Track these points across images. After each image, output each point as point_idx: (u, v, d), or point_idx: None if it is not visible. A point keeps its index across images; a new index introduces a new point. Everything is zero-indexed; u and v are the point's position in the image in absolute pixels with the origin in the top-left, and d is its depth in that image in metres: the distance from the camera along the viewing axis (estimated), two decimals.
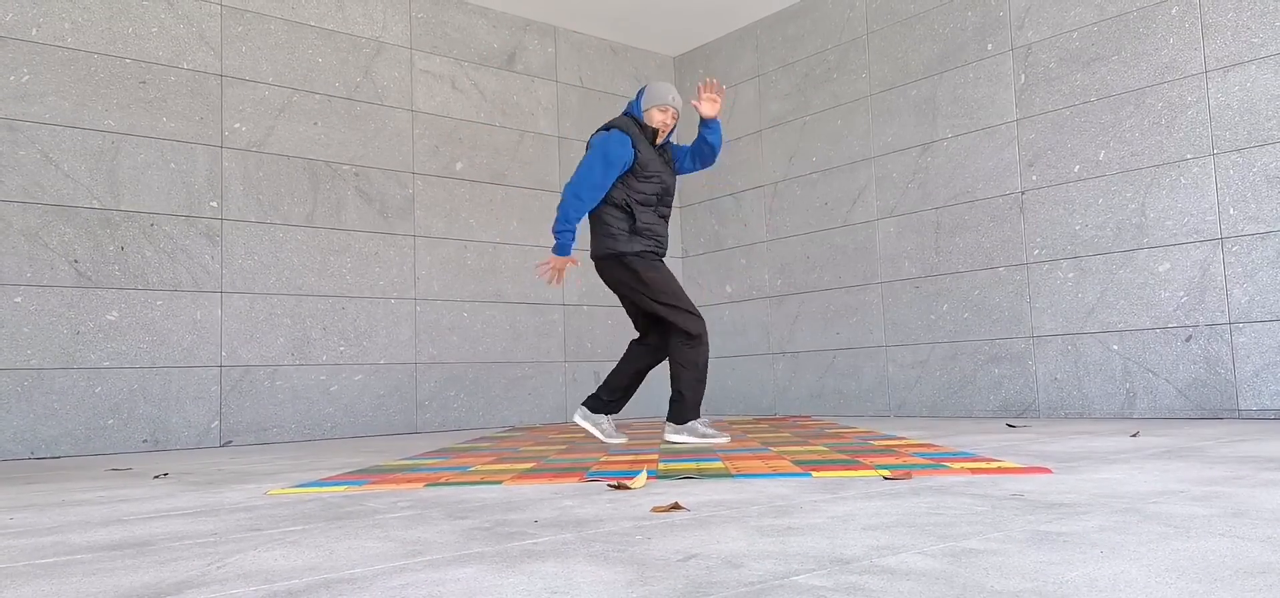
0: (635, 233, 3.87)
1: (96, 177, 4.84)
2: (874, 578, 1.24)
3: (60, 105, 4.77)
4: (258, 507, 2.26)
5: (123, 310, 4.86)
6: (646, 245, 3.88)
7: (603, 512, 1.95)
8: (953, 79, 5.60)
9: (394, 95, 5.97)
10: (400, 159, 5.95)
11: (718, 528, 1.69)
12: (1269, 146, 4.33)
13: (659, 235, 3.94)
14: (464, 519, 1.91)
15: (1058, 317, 5.05)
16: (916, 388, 5.74)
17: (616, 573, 1.33)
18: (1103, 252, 4.88)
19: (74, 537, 1.87)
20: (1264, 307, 4.32)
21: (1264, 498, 1.83)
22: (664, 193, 3.97)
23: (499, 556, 1.50)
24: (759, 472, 2.57)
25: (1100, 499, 1.88)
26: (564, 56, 6.89)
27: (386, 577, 1.36)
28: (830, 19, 6.36)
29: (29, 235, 4.63)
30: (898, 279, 5.86)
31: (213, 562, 1.53)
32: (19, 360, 4.55)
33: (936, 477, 2.38)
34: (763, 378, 6.72)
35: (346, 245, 5.67)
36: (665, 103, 3.97)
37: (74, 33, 4.85)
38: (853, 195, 6.15)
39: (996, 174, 5.36)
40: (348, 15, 5.82)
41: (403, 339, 5.85)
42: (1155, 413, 4.65)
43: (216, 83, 5.27)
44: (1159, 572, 1.22)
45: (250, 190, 5.33)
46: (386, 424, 5.75)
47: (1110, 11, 4.90)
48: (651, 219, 3.92)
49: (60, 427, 4.64)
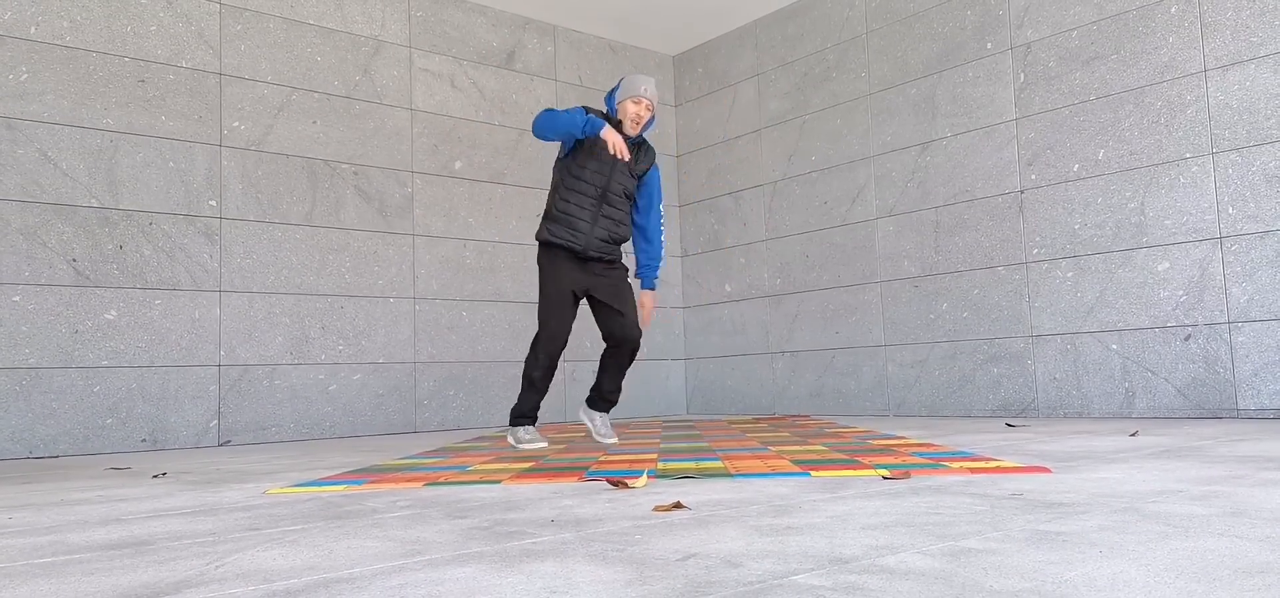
0: (551, 217, 3.77)
1: (95, 175, 4.84)
2: (873, 578, 1.24)
3: (59, 104, 4.77)
4: (256, 506, 2.26)
5: (121, 309, 4.86)
6: (558, 235, 3.74)
7: (602, 511, 1.95)
8: (952, 78, 5.60)
9: (393, 94, 5.97)
10: (399, 158, 5.95)
11: (717, 528, 1.69)
12: (1268, 146, 4.33)
13: (575, 226, 3.74)
14: (463, 519, 1.91)
15: (1057, 316, 5.05)
16: (915, 387, 5.74)
17: (616, 573, 1.33)
18: (1102, 251, 4.88)
19: (72, 536, 1.87)
20: (1263, 306, 4.32)
21: (1263, 498, 1.83)
22: (605, 191, 3.77)
23: (498, 555, 1.50)
24: (758, 471, 2.57)
25: (1099, 499, 1.88)
26: (563, 55, 6.88)
27: (385, 576, 1.36)
28: (830, 18, 6.36)
29: (27, 234, 4.63)
30: (897, 278, 5.86)
31: (211, 561, 1.53)
32: (17, 360, 4.55)
33: (935, 476, 2.38)
34: (762, 377, 6.72)
35: (345, 244, 5.67)
36: (637, 93, 3.80)
37: (72, 31, 4.84)
38: (852, 194, 6.15)
39: (996, 173, 5.36)
40: (347, 14, 5.81)
41: (402, 338, 5.85)
42: (1154, 412, 4.66)
43: (215, 81, 5.26)
44: (1158, 571, 1.22)
45: (249, 189, 5.32)
46: (385, 423, 5.75)
47: (1110, 10, 4.90)
48: (577, 209, 3.74)
49: (58, 426, 4.64)
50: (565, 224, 3.75)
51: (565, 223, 3.75)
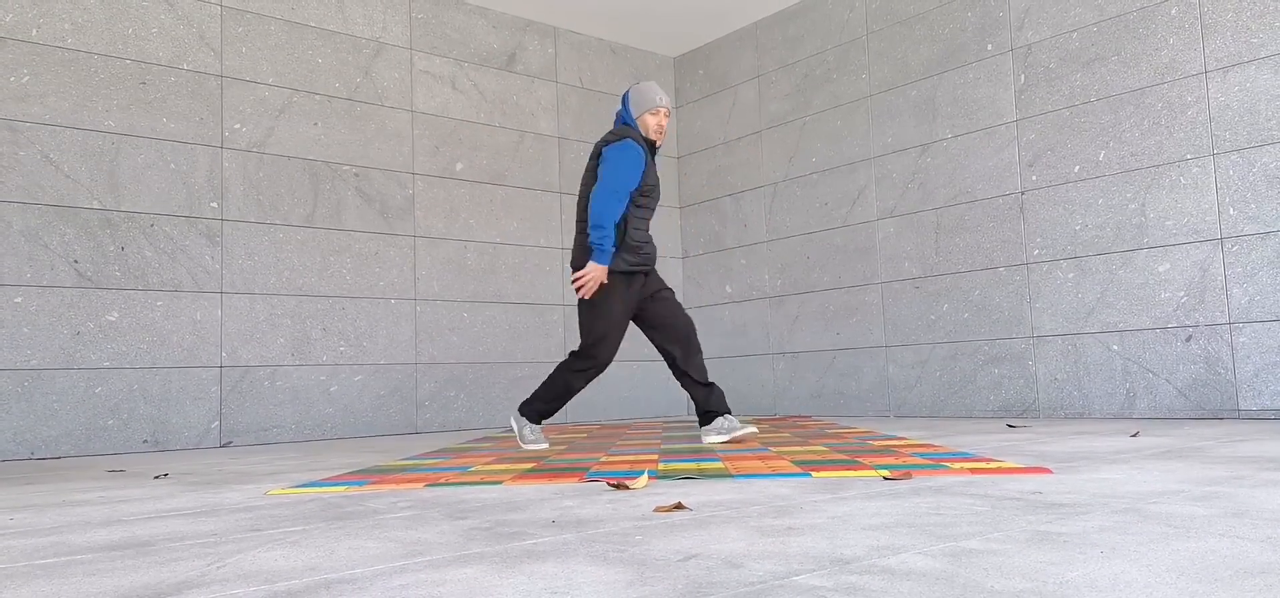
0: (627, 247, 3.69)
1: (97, 177, 4.84)
2: (874, 578, 1.24)
3: (60, 106, 4.77)
4: (258, 507, 2.26)
5: (123, 311, 4.86)
6: (633, 262, 3.71)
7: (603, 512, 1.95)
8: (952, 79, 5.60)
9: (394, 96, 5.97)
10: (400, 159, 5.95)
11: (718, 528, 1.69)
12: (1269, 147, 4.33)
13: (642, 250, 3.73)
14: (464, 520, 1.91)
15: (1058, 317, 5.05)
16: (916, 388, 5.74)
17: (616, 573, 1.33)
18: (1103, 252, 4.88)
19: (74, 537, 1.87)
20: (1264, 307, 4.32)
21: (1264, 498, 1.83)
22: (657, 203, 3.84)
23: (499, 556, 1.50)
24: (759, 472, 2.57)
25: (1100, 499, 1.88)
26: (564, 57, 6.89)
27: (386, 577, 1.36)
28: (830, 19, 6.36)
29: (29, 236, 4.63)
30: (898, 279, 5.86)
31: (213, 562, 1.53)
32: (19, 361, 4.55)
33: (936, 477, 2.38)
34: (763, 378, 6.72)
35: (346, 246, 5.67)
36: (656, 104, 3.77)
37: (74, 33, 4.85)
38: (853, 195, 6.15)
39: (996, 174, 5.36)
40: (348, 16, 5.82)
41: (403, 339, 5.85)
42: (1155, 413, 4.65)
43: (217, 83, 5.27)
44: (1159, 572, 1.22)
45: (250, 191, 5.33)
46: (387, 425, 5.75)
47: (1110, 11, 4.90)
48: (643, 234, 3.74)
49: (60, 427, 4.64)
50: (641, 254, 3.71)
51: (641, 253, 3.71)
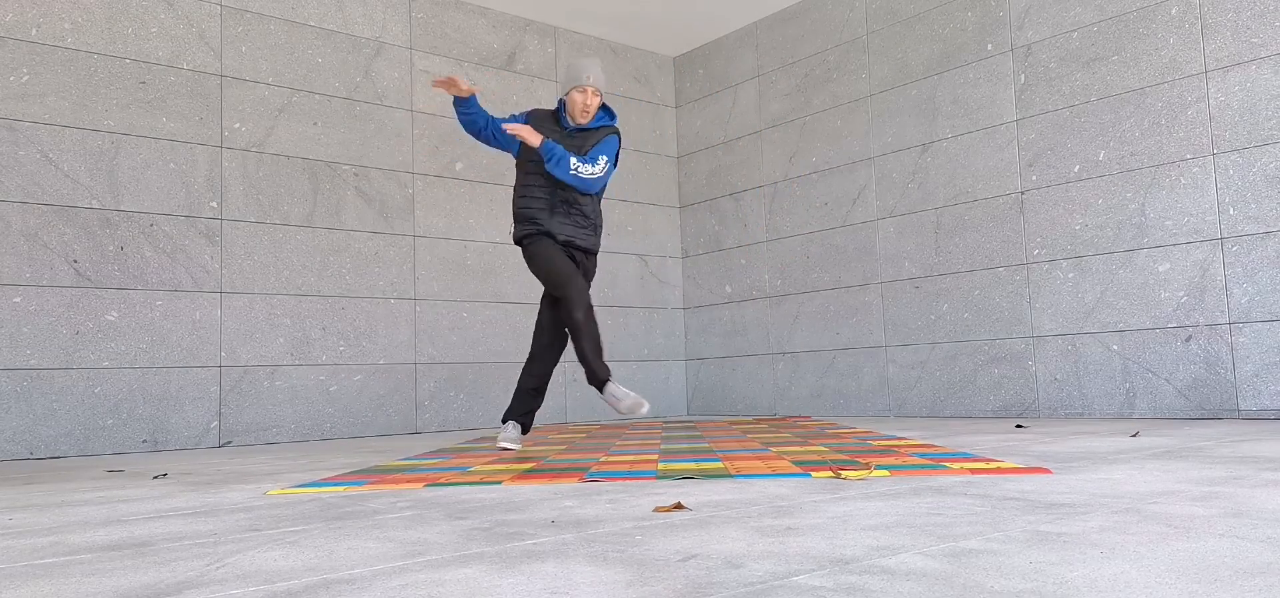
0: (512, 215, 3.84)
1: (96, 177, 4.84)
2: (874, 579, 1.24)
3: (60, 105, 4.77)
4: (257, 507, 2.26)
5: (122, 311, 4.86)
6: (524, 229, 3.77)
7: (602, 512, 1.95)
8: (952, 79, 5.60)
9: (394, 95, 5.97)
10: (400, 159, 5.95)
11: (718, 528, 1.69)
12: (1269, 147, 4.33)
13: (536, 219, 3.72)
14: (464, 520, 1.91)
15: (1058, 317, 5.05)
16: (916, 388, 5.74)
17: (616, 574, 1.33)
18: (1103, 252, 4.88)
19: (73, 537, 1.87)
20: (1264, 307, 4.32)
21: (1264, 498, 1.83)
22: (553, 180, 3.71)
23: (499, 556, 1.50)
24: (759, 472, 2.57)
25: (1100, 499, 1.88)
26: (564, 57, 6.88)
27: (386, 577, 1.36)
28: (830, 19, 6.36)
29: (29, 236, 4.63)
30: (898, 279, 5.86)
31: (212, 562, 1.53)
32: (18, 361, 4.55)
33: (936, 477, 2.37)
34: (763, 378, 6.72)
35: (346, 245, 5.67)
36: (581, 82, 3.65)
37: (74, 33, 4.84)
38: (853, 195, 6.15)
39: (996, 174, 5.36)
40: (347, 15, 5.82)
41: (402, 339, 5.85)
42: (1155, 413, 4.65)
43: (216, 83, 5.27)
44: (1159, 572, 1.22)
45: (250, 190, 5.32)
46: (386, 425, 5.75)
47: (1110, 11, 4.90)
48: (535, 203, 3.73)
49: (59, 427, 4.64)
50: (528, 220, 3.76)
51: (527, 218, 3.76)
